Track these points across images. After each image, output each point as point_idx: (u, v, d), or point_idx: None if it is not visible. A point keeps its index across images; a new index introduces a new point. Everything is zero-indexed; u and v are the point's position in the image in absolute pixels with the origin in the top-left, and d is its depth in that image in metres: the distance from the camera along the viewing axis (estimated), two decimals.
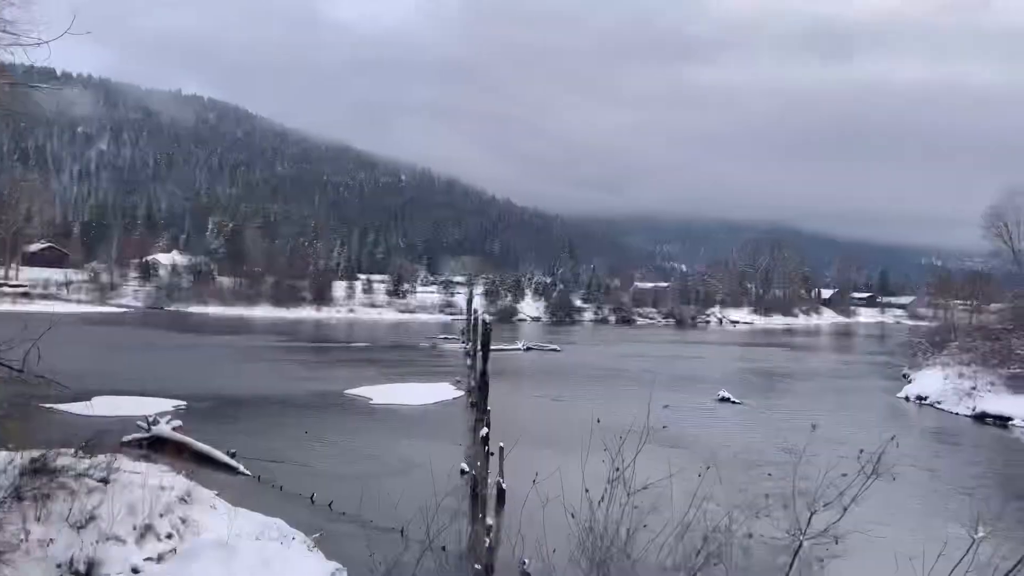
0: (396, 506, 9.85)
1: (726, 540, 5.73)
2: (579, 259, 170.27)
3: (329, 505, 15.61)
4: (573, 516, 6.06)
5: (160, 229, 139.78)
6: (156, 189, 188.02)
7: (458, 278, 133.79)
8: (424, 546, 6.33)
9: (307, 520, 13.84)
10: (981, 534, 5.24)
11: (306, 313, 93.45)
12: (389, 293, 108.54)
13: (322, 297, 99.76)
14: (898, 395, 38.49)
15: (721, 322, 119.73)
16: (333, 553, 11.84)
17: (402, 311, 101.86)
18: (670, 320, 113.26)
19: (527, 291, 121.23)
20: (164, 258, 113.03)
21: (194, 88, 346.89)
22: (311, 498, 16.25)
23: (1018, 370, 33.09)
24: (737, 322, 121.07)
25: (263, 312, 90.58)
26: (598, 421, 6.33)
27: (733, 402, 33.37)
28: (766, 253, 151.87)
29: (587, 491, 5.95)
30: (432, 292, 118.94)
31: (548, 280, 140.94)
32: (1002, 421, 30.96)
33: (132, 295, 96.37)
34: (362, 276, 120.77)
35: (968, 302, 75.86)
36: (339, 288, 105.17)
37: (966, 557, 5.01)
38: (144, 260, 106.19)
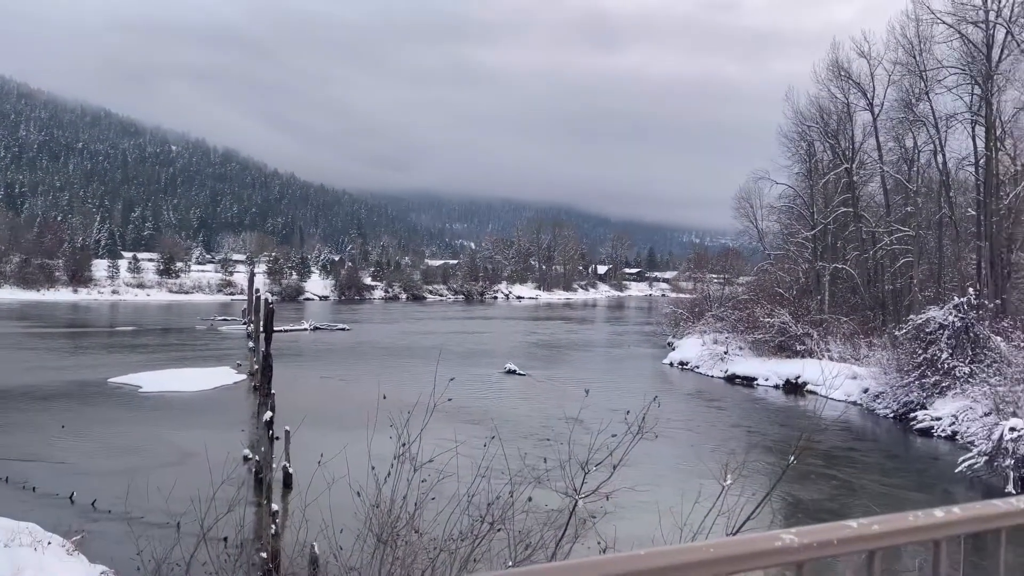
0: (168, 500, 9.23)
1: (509, 506, 5.97)
2: (368, 236, 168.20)
3: (92, 504, 14.35)
4: (360, 495, 6.02)
5: None
6: None
7: (238, 256, 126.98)
8: (199, 538, 6.00)
9: (66, 522, 12.65)
10: (729, 482, 5.90)
11: (61, 295, 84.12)
12: (160, 272, 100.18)
13: (80, 277, 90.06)
14: (663, 361, 42.11)
15: (508, 297, 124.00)
16: (97, 555, 10.97)
17: (175, 292, 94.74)
18: (459, 296, 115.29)
19: (314, 269, 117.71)
20: None
21: None
22: (70, 498, 14.88)
23: (760, 336, 37.39)
24: (522, 297, 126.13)
25: (7, 294, 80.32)
26: (384, 398, 6.31)
27: (518, 373, 34.73)
28: (548, 231, 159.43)
29: (373, 469, 5.94)
30: (209, 271, 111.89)
31: (336, 258, 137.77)
32: (748, 381, 34.98)
33: None
34: (127, 254, 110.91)
35: (721, 276, 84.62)
36: (100, 267, 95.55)
37: (716, 504, 5.62)
38: None
